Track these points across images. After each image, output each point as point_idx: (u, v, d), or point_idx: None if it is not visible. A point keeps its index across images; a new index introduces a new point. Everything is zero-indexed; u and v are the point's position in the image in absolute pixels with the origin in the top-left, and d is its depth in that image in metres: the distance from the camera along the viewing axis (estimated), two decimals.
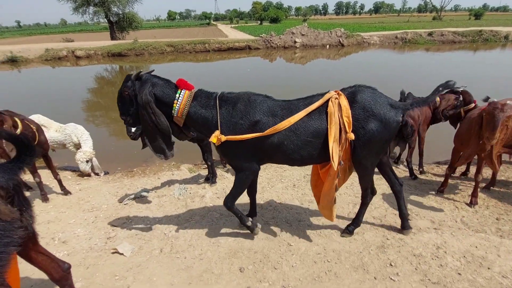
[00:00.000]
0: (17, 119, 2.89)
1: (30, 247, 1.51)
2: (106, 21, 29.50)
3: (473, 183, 3.16)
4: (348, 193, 3.45)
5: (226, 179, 3.93)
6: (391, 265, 2.24)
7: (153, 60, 19.74)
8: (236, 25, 69.57)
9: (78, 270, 2.26)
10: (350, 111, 2.03)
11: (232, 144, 2.11)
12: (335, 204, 2.34)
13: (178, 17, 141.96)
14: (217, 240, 2.59)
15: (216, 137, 2.08)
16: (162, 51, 20.83)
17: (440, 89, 2.07)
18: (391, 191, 3.34)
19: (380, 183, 3.69)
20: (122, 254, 2.43)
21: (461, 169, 4.11)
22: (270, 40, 23.09)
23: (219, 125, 2.12)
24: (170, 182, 3.92)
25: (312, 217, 2.93)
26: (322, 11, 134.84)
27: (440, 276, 2.13)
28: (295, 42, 23.29)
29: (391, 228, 2.71)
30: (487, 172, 3.83)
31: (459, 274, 2.14)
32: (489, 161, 2.84)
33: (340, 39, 23.78)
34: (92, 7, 28.02)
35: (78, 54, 19.73)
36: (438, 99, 3.70)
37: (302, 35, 23.78)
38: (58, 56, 19.55)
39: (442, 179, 3.59)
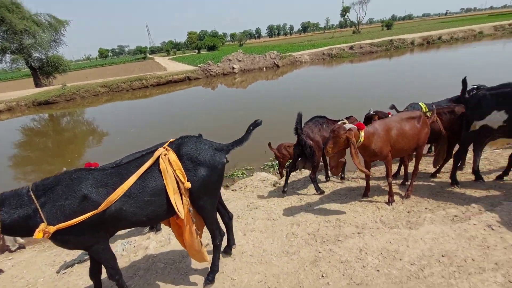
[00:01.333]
0: None
1: None
2: (28, 67, 27.24)
3: (399, 182, 3.69)
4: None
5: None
6: (322, 276, 2.49)
7: (87, 104, 18.69)
8: (174, 56, 69.76)
9: None
10: (180, 164, 2.18)
11: (67, 230, 1.92)
12: (202, 246, 2.46)
13: (111, 54, 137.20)
14: None
15: (41, 231, 1.83)
16: (95, 93, 19.87)
17: (251, 128, 2.41)
18: (325, 206, 3.71)
19: (314, 199, 4.06)
20: None
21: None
22: (209, 69, 23.71)
23: (43, 217, 1.88)
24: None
25: (253, 246, 3.09)
26: (256, 35, 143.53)
27: (362, 276, 2.44)
28: (233, 68, 24.26)
29: (323, 240, 3.01)
30: (427, 168, 4.47)
31: (378, 270, 2.48)
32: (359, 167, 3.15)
33: (275, 61, 25.49)
34: (9, 55, 25.73)
35: None
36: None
37: (239, 61, 24.93)
38: None
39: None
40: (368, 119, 4.32)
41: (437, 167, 4.33)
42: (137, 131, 11.06)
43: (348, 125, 2.99)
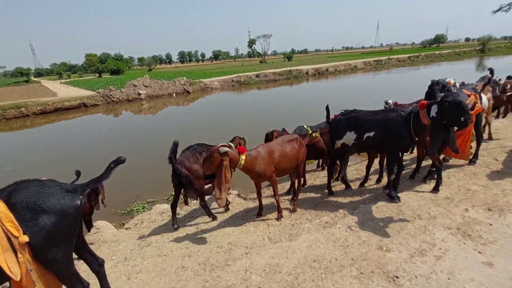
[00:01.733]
0: None
1: None
2: None
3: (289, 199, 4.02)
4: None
5: None
6: None
7: None
8: (68, 79, 61.38)
9: None
10: (11, 215, 1.82)
11: None
12: None
13: None
14: None
15: None
16: None
17: (112, 165, 2.22)
18: (220, 231, 3.70)
19: (211, 225, 4.05)
20: None
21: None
22: (110, 95, 21.77)
23: None
24: None
25: None
26: (166, 60, 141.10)
27: None
28: (139, 94, 22.96)
29: (212, 268, 3.00)
30: (314, 182, 4.96)
31: (259, 287, 2.61)
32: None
33: (185, 87, 25.41)
34: None
35: None
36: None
37: (146, 86, 23.83)
38: None
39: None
40: (268, 137, 4.92)
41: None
42: (13, 170, 9.10)
43: (224, 149, 3.18)
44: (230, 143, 4.19)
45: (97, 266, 2.42)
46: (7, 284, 1.93)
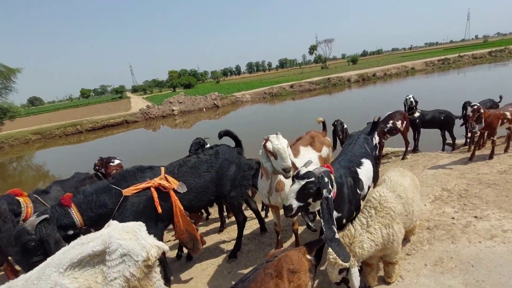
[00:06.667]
0: None
1: None
2: None
3: None
4: None
5: None
6: None
7: (16, 152, 19.07)
8: (150, 95, 71.79)
9: None
10: None
11: None
12: None
13: (93, 94, 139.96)
14: None
15: None
16: (26, 140, 20.38)
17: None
18: None
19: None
20: None
21: None
22: (148, 112, 24.75)
23: None
24: None
25: None
26: (236, 72, 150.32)
27: None
28: (173, 110, 25.41)
29: None
30: None
31: None
32: None
33: (215, 102, 26.89)
34: None
35: None
36: None
37: (180, 102, 26.21)
38: None
39: None
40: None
41: None
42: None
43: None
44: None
45: None
46: None
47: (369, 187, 2.81)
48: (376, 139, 5.62)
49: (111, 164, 4.64)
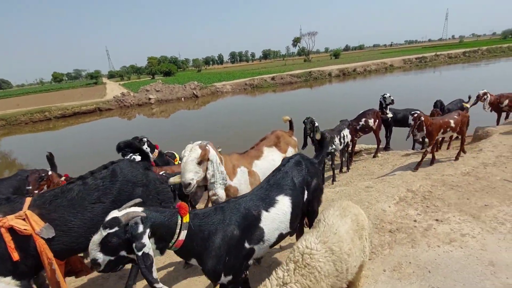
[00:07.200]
0: None
1: None
2: None
3: None
4: None
5: None
6: None
7: None
8: (128, 81, 68.90)
9: None
10: None
11: None
12: None
13: (66, 78, 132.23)
14: None
15: None
16: None
17: None
18: None
19: None
20: None
21: None
22: (123, 100, 23.69)
23: None
24: None
25: None
26: (218, 61, 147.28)
27: None
28: (149, 99, 24.47)
29: None
30: None
31: None
32: None
33: (194, 91, 26.18)
34: None
35: None
36: None
37: (157, 91, 25.28)
38: None
39: None
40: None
41: None
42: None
43: None
44: None
45: None
46: None
47: (281, 236, 2.17)
48: (348, 137, 5.60)
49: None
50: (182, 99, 25.42)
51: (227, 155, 2.65)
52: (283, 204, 2.12)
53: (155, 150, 4.33)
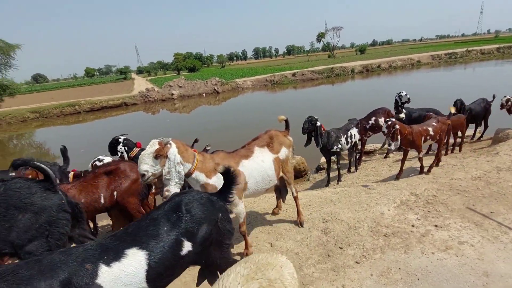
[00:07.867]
0: None
1: None
2: None
3: None
4: None
5: None
6: None
7: (13, 130, 19.19)
8: (154, 77, 71.32)
9: None
10: None
11: None
12: None
13: (98, 74, 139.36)
14: None
15: None
16: (24, 118, 20.45)
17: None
18: None
19: None
20: None
21: None
22: (148, 95, 24.58)
23: None
24: None
25: None
26: (242, 57, 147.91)
27: None
28: (172, 94, 25.19)
29: None
30: None
31: None
32: None
33: (215, 87, 26.57)
34: None
35: None
36: None
37: (180, 87, 25.95)
38: None
39: None
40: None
41: None
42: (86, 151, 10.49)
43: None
44: None
45: None
46: None
47: None
48: (356, 137, 5.46)
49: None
50: (204, 94, 25.90)
51: (211, 153, 2.71)
52: (134, 260, 1.62)
53: (135, 148, 4.20)
